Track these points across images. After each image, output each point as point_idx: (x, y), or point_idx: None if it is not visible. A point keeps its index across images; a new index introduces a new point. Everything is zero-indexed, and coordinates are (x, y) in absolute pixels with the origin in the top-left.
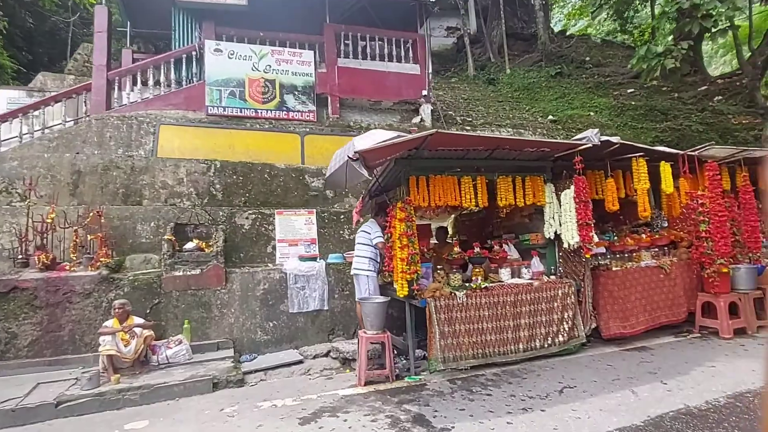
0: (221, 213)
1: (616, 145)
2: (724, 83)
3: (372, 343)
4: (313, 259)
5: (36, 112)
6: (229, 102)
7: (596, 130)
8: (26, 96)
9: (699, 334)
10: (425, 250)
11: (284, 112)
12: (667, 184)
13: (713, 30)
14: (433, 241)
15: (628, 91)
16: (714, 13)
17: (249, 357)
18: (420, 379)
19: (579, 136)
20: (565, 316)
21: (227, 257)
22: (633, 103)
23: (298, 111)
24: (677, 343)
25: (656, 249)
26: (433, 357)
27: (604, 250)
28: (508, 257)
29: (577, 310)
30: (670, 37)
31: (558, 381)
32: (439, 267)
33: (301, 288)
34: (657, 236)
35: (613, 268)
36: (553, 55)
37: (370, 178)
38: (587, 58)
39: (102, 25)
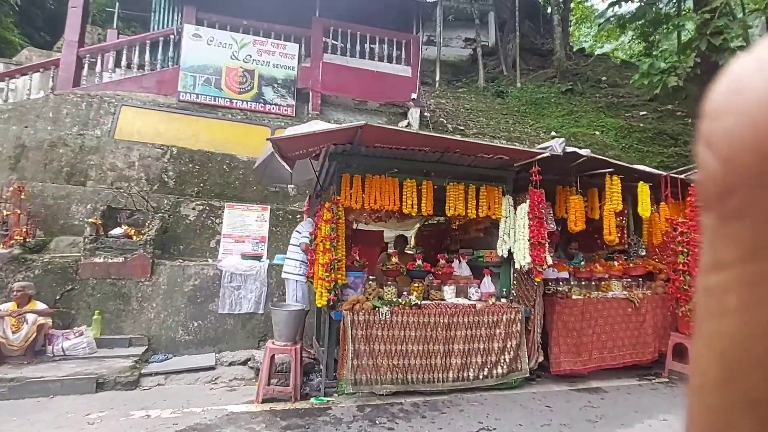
0: (166, 201)
1: (584, 158)
2: None
3: (280, 355)
4: (257, 258)
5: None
6: (203, 89)
7: (562, 139)
8: (3, 68)
9: (667, 379)
10: (357, 257)
11: (261, 104)
12: (643, 208)
13: (725, 49)
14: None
15: (641, 113)
16: (724, 31)
17: (162, 357)
18: (327, 401)
19: (543, 145)
20: (508, 346)
21: (165, 248)
22: (642, 125)
23: (276, 104)
24: (638, 387)
25: (629, 279)
26: (343, 378)
27: (567, 276)
28: (455, 274)
29: (524, 340)
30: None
31: (479, 421)
32: (372, 277)
33: (237, 288)
34: (632, 265)
35: (573, 297)
36: (568, 72)
37: (290, 171)
38: (603, 78)
39: (77, 0)
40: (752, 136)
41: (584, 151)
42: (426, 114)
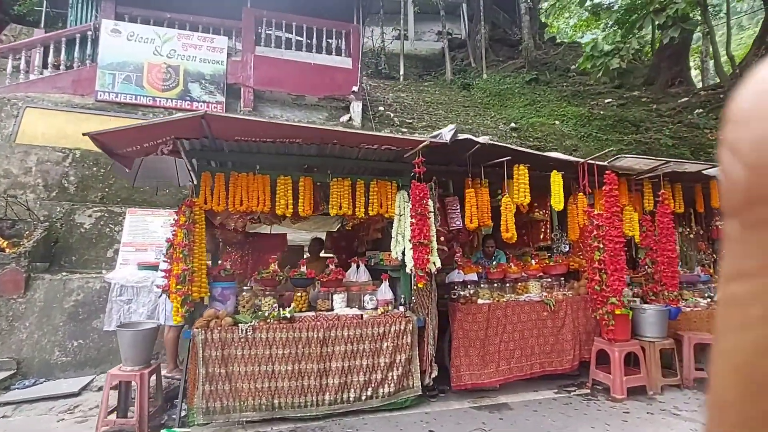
0: (59, 209)
1: (477, 146)
2: (707, 95)
3: (124, 381)
4: (155, 267)
5: None
6: (123, 87)
7: (452, 126)
8: None
9: (588, 391)
10: (227, 265)
11: (187, 102)
12: (555, 199)
13: (670, 26)
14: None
15: (606, 101)
16: (666, 7)
17: (29, 383)
18: None
19: (434, 133)
20: (397, 361)
21: (54, 260)
22: (602, 113)
23: (204, 101)
24: (551, 401)
25: (549, 279)
26: (194, 406)
27: (476, 277)
28: (350, 280)
29: (416, 353)
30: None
31: None
32: (245, 288)
33: (127, 301)
34: (551, 263)
35: (479, 301)
36: (537, 62)
37: (128, 169)
38: (573, 66)
39: None
40: None
41: (483, 139)
42: (377, 107)
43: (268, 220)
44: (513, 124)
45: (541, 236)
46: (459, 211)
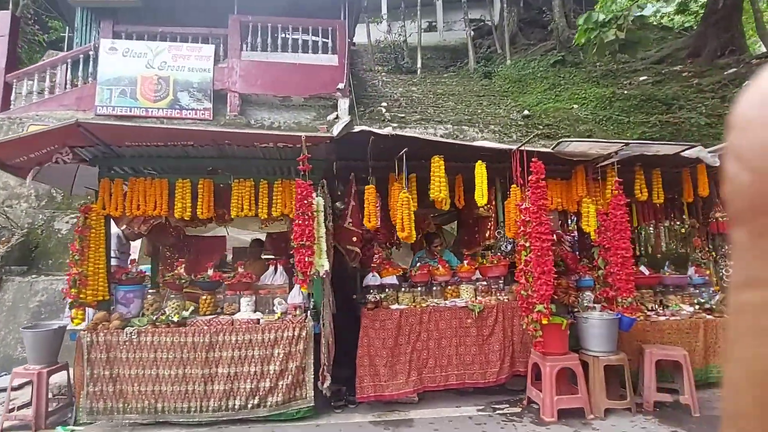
0: (41, 216)
1: (387, 137)
2: (759, 64)
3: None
4: None
5: None
6: (119, 101)
7: (347, 119)
8: None
9: (520, 410)
10: (132, 268)
11: (177, 111)
12: (479, 193)
13: None
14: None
15: (641, 78)
16: None
17: None
18: (72, 431)
19: (340, 123)
20: (289, 368)
21: (33, 264)
22: (626, 92)
23: (192, 109)
24: (466, 419)
25: (485, 282)
26: (80, 405)
27: (395, 281)
28: (262, 283)
29: (310, 361)
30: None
31: None
32: (150, 291)
33: None
34: (487, 264)
35: (392, 307)
36: (569, 42)
37: (25, 179)
38: (637, 42)
39: (3, 29)
40: None
41: (386, 130)
42: (380, 103)
43: (219, 221)
44: (526, 112)
45: (487, 234)
46: (379, 209)
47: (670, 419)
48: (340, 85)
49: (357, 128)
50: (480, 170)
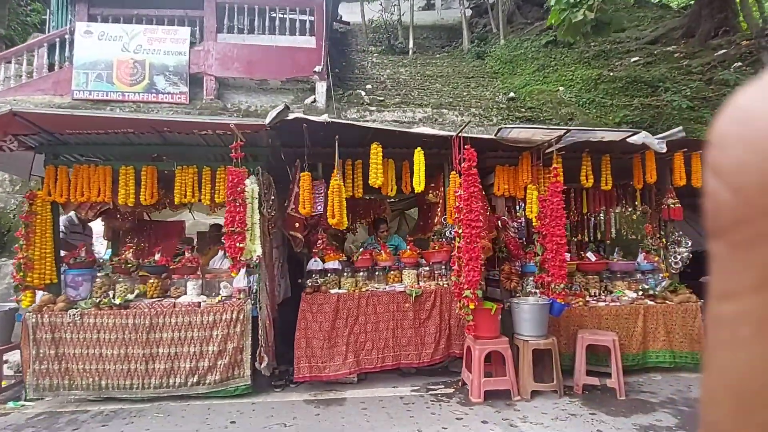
0: (12, 201)
1: (322, 123)
2: (750, 45)
3: None
4: None
5: None
6: (95, 85)
7: (281, 105)
8: None
9: (453, 390)
10: (82, 252)
11: (153, 95)
12: (416, 180)
13: None
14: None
15: (632, 59)
16: None
17: None
18: (22, 405)
19: (274, 111)
20: (227, 349)
21: (5, 247)
22: (613, 74)
23: (169, 93)
24: (397, 399)
25: (427, 268)
26: (27, 383)
27: (337, 266)
28: (211, 267)
29: (248, 343)
30: None
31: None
32: (98, 275)
33: None
34: (430, 250)
35: (332, 291)
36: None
37: None
38: (609, 22)
39: None
40: (762, 169)
41: (322, 118)
42: (365, 86)
43: (173, 207)
44: (512, 94)
45: (436, 220)
46: (323, 195)
47: (593, 402)
48: (317, 68)
49: (291, 116)
50: (418, 157)
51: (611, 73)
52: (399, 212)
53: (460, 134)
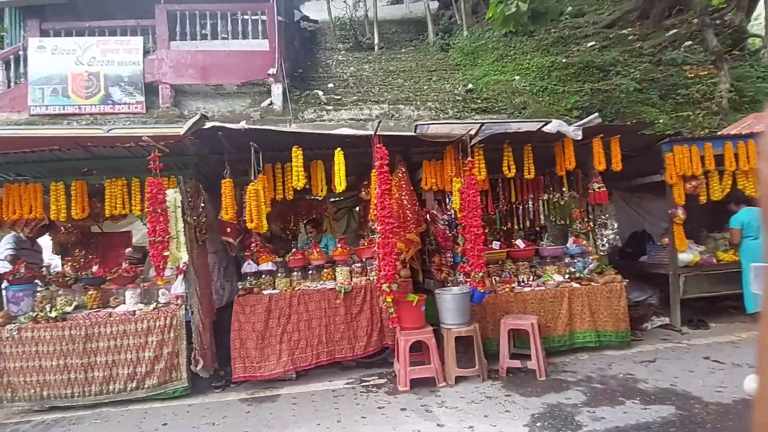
0: None
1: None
2: (699, 24)
3: None
4: None
5: None
6: (51, 100)
7: (198, 115)
8: None
9: (384, 381)
10: (21, 269)
11: (109, 106)
12: (337, 180)
13: None
14: None
15: (589, 44)
16: None
17: None
18: None
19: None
20: (163, 354)
21: None
22: (565, 60)
23: (125, 103)
24: (328, 393)
25: (359, 264)
26: None
27: (271, 267)
28: (146, 276)
29: (183, 346)
30: None
31: None
32: (39, 289)
33: None
34: (361, 247)
35: (265, 292)
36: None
37: None
38: (569, 8)
39: None
40: None
41: (240, 124)
42: (326, 85)
43: (114, 220)
44: (470, 86)
45: (370, 217)
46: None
47: (514, 384)
48: (272, 71)
49: (208, 125)
50: (338, 158)
51: (564, 60)
52: (347, 210)
53: (377, 133)
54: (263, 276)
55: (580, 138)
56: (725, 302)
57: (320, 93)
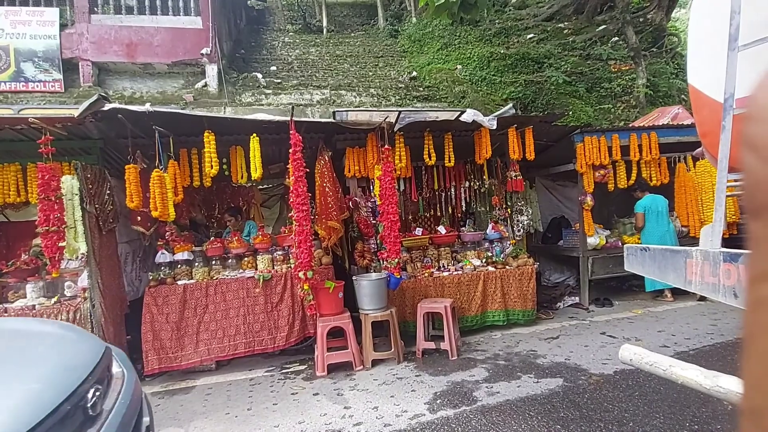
0: None
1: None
2: (622, 21)
3: None
4: None
5: None
6: None
7: (95, 96)
8: None
9: (304, 368)
10: None
11: (22, 83)
12: (254, 167)
13: None
14: None
15: (528, 36)
16: None
17: None
18: None
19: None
20: None
21: None
22: (503, 52)
23: (40, 81)
24: (245, 381)
25: (281, 252)
26: None
27: (188, 256)
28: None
29: None
30: None
31: None
32: None
33: None
34: (282, 234)
35: (180, 282)
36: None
37: None
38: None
39: None
40: None
41: (144, 107)
42: (269, 68)
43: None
44: (414, 73)
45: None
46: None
47: (427, 364)
48: (206, 50)
49: (108, 106)
50: (253, 144)
51: (503, 51)
52: (279, 197)
53: (292, 119)
54: (179, 266)
55: (494, 128)
56: (632, 281)
57: (259, 76)
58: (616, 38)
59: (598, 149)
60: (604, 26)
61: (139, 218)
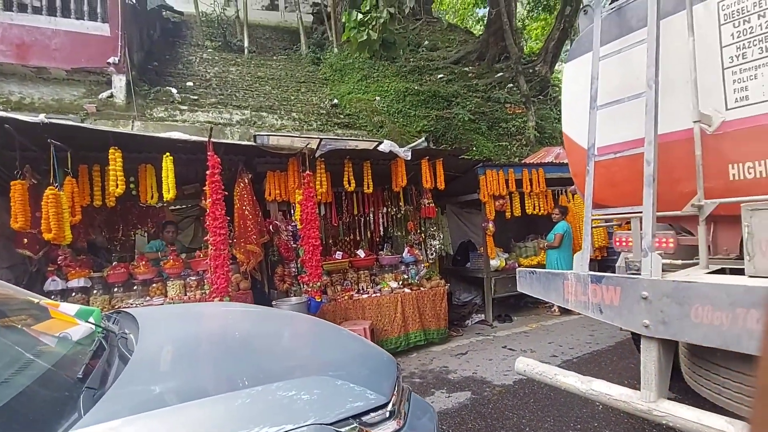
0: None
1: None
2: (522, 69)
3: None
4: None
5: None
6: None
7: None
8: None
9: None
10: None
11: None
12: (166, 188)
13: None
14: None
15: (439, 76)
16: None
17: None
18: None
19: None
20: None
21: None
22: (418, 88)
23: None
24: None
25: (194, 277)
26: None
27: (85, 283)
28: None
29: None
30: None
31: None
32: None
33: None
34: (196, 258)
35: None
36: (393, 36)
37: None
38: (426, 42)
39: None
40: None
41: (38, 117)
42: (185, 83)
43: None
44: (335, 101)
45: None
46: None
47: None
48: (113, 59)
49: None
50: (166, 163)
51: (417, 87)
52: (193, 218)
53: (210, 140)
54: (74, 294)
55: (409, 158)
56: (527, 298)
57: (174, 90)
58: (511, 84)
59: (497, 181)
60: (501, 73)
61: (25, 241)
